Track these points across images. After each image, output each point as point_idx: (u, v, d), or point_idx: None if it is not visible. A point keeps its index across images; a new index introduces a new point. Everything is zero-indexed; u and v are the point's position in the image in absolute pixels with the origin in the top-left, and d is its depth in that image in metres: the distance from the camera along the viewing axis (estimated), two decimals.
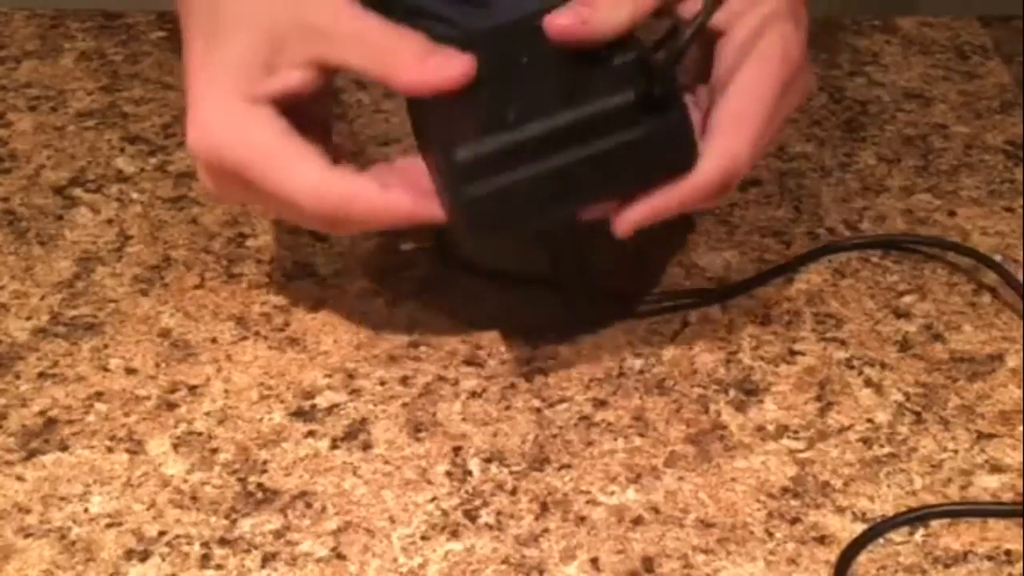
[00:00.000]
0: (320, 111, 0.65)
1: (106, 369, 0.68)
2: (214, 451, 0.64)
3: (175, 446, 0.64)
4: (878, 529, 0.60)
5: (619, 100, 0.59)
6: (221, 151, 0.61)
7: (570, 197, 0.60)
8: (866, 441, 0.65)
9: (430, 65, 0.60)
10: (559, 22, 0.60)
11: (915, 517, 0.61)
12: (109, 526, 0.60)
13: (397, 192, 0.61)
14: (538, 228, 0.62)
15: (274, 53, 0.61)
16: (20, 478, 0.63)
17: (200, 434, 0.65)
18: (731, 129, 0.62)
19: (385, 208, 0.61)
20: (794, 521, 0.61)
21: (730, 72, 0.63)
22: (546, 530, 0.61)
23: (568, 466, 0.63)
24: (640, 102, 0.59)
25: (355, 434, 0.65)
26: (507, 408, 0.66)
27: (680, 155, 0.60)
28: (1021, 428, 0.65)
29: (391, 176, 0.63)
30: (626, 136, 0.59)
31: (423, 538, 0.60)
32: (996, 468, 0.63)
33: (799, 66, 0.64)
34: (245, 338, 0.70)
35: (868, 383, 0.68)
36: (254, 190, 0.62)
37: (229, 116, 0.61)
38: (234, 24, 0.62)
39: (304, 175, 0.60)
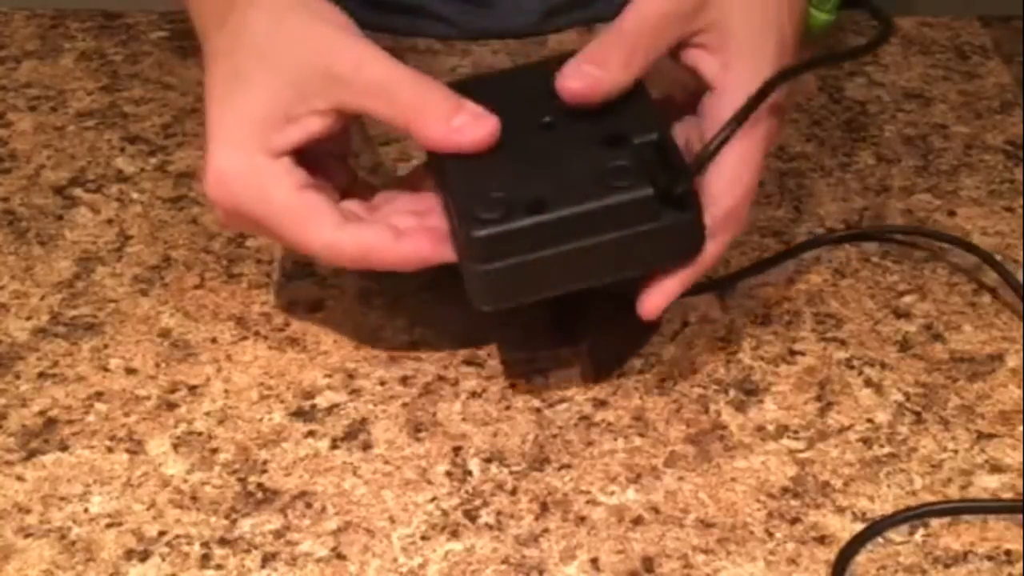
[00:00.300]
0: (339, 145, 0.66)
1: (106, 369, 0.68)
2: (214, 451, 0.64)
3: (175, 446, 0.64)
4: (876, 528, 0.60)
5: (639, 194, 0.60)
6: (238, 204, 0.62)
7: (582, 277, 0.62)
8: (866, 441, 0.65)
9: (456, 125, 0.61)
10: (571, 86, 0.62)
11: (913, 515, 0.61)
12: (109, 526, 0.61)
13: (410, 242, 0.62)
14: (543, 298, 0.63)
15: (296, 103, 0.61)
16: (20, 478, 0.63)
17: (200, 434, 0.65)
18: (731, 199, 0.63)
19: (400, 258, 0.62)
20: (794, 521, 0.61)
21: (731, 151, 0.62)
22: (546, 530, 0.61)
23: (568, 466, 0.63)
24: (659, 196, 0.60)
25: (355, 434, 0.65)
26: (507, 408, 0.66)
27: (694, 242, 0.62)
28: (1021, 428, 0.65)
29: (406, 215, 0.64)
30: (643, 228, 0.60)
31: (423, 538, 0.60)
32: (996, 468, 0.63)
33: (783, 118, 0.65)
34: (245, 338, 0.70)
35: (868, 383, 0.68)
36: (270, 236, 0.64)
37: (247, 172, 0.62)
38: (256, 68, 0.62)
39: (319, 233, 0.62)
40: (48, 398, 0.66)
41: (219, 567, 0.59)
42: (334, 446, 0.64)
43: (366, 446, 0.64)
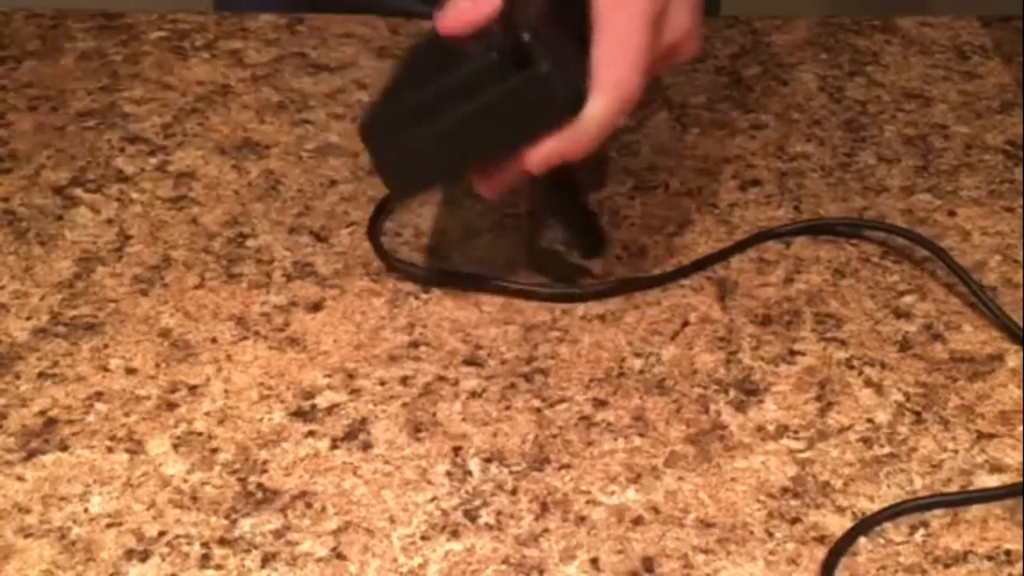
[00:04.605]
0: None
1: (106, 369, 0.68)
2: (214, 451, 0.64)
3: (175, 446, 0.64)
4: (864, 525, 0.60)
5: (483, 60, 0.64)
6: None
7: (469, 150, 0.66)
8: (866, 441, 0.65)
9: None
10: (447, 24, 0.66)
11: (900, 511, 0.61)
12: (109, 526, 0.61)
13: None
14: (450, 180, 0.72)
15: None
16: (20, 478, 0.63)
17: (200, 434, 0.65)
18: (610, 60, 0.65)
19: None
20: (794, 521, 0.61)
21: (598, 8, 0.66)
22: (546, 530, 0.61)
23: (568, 466, 0.63)
24: (507, 59, 0.64)
25: (355, 434, 0.65)
26: (507, 408, 0.66)
27: (561, 98, 0.65)
28: (1021, 428, 0.65)
29: None
30: (497, 90, 0.64)
31: (423, 538, 0.60)
32: (996, 468, 0.63)
33: (664, 1, 0.67)
34: (245, 338, 0.70)
35: (868, 383, 0.68)
36: None
37: None
38: None
39: None
40: (48, 398, 0.66)
41: (219, 567, 0.59)
42: (334, 446, 0.64)
43: (366, 446, 0.64)
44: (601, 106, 0.65)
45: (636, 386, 0.67)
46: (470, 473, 0.63)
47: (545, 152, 0.65)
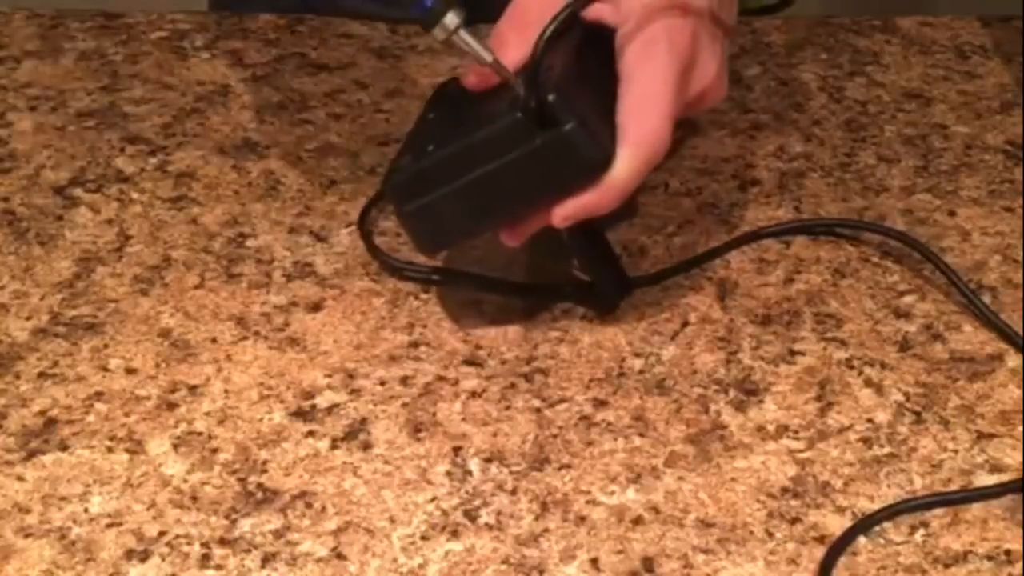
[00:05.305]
0: None
1: (106, 369, 0.68)
2: (214, 451, 0.64)
3: (175, 446, 0.64)
4: (863, 525, 0.60)
5: (509, 120, 0.64)
6: None
7: (495, 207, 0.67)
8: (866, 441, 0.65)
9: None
10: (472, 80, 0.68)
11: (900, 511, 0.61)
12: (109, 526, 0.60)
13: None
14: (476, 235, 0.69)
15: None
16: (20, 478, 0.63)
17: (200, 434, 0.65)
18: (637, 113, 0.66)
19: None
20: (794, 521, 0.61)
21: (625, 63, 0.66)
22: (546, 530, 0.61)
23: (568, 466, 0.63)
24: (532, 119, 0.64)
25: (355, 434, 0.65)
26: (507, 408, 0.66)
27: (587, 156, 0.65)
28: (1021, 428, 0.65)
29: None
30: (523, 149, 0.64)
31: (423, 538, 0.60)
32: (996, 468, 0.63)
33: (691, 51, 0.67)
34: (245, 338, 0.70)
35: (868, 383, 0.68)
36: None
37: None
38: None
39: None
40: (48, 398, 0.66)
41: (219, 567, 0.59)
42: (334, 446, 0.64)
43: (366, 446, 0.64)
44: (628, 161, 0.65)
45: (636, 386, 0.67)
46: (470, 473, 0.63)
47: (572, 208, 0.65)
